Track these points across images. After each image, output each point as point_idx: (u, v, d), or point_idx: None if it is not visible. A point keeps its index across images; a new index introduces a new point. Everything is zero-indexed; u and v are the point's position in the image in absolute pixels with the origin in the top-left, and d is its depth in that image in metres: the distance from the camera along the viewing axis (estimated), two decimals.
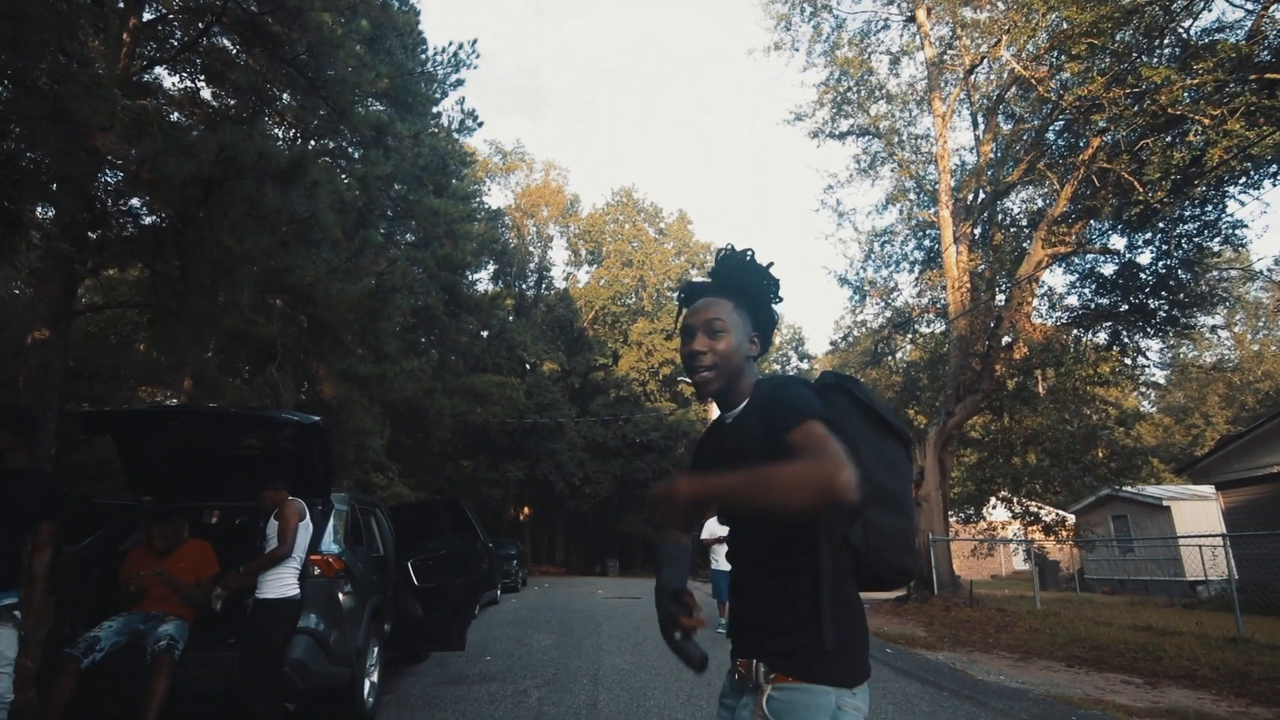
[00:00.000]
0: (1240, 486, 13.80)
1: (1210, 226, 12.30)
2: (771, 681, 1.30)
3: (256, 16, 11.59)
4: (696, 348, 1.41)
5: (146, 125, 6.08)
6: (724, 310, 1.42)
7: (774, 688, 1.29)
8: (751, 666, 1.34)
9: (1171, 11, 10.09)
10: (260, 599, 3.80)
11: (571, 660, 7.07)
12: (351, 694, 4.41)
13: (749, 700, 1.34)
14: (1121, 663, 7.25)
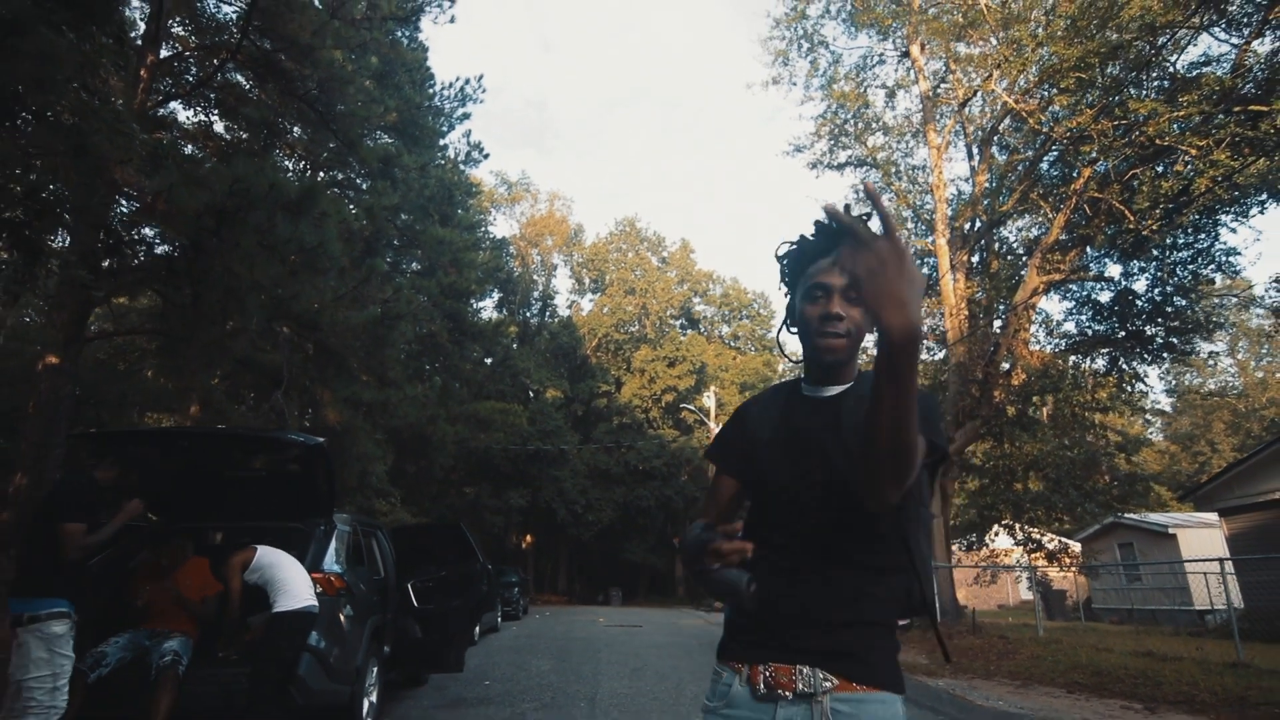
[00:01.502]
0: (1243, 513, 13.74)
1: (1203, 254, 12.48)
2: (830, 690, 1.12)
3: (270, 54, 12.00)
4: (836, 310, 1.21)
5: (162, 158, 6.34)
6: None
7: (836, 697, 1.12)
8: (800, 672, 1.14)
9: (1157, 46, 10.39)
10: (277, 612, 3.89)
11: (570, 685, 7.09)
12: (350, 712, 4.47)
13: (793, 712, 1.13)
14: (1121, 689, 7.22)
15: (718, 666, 1.28)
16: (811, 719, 1.12)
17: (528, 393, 33.57)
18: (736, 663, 1.22)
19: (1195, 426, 43.97)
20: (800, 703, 1.13)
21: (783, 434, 1.28)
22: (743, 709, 1.19)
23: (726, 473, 1.37)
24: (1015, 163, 14.75)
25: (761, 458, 1.29)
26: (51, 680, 3.11)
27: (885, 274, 0.86)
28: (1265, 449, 13.34)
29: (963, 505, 18.20)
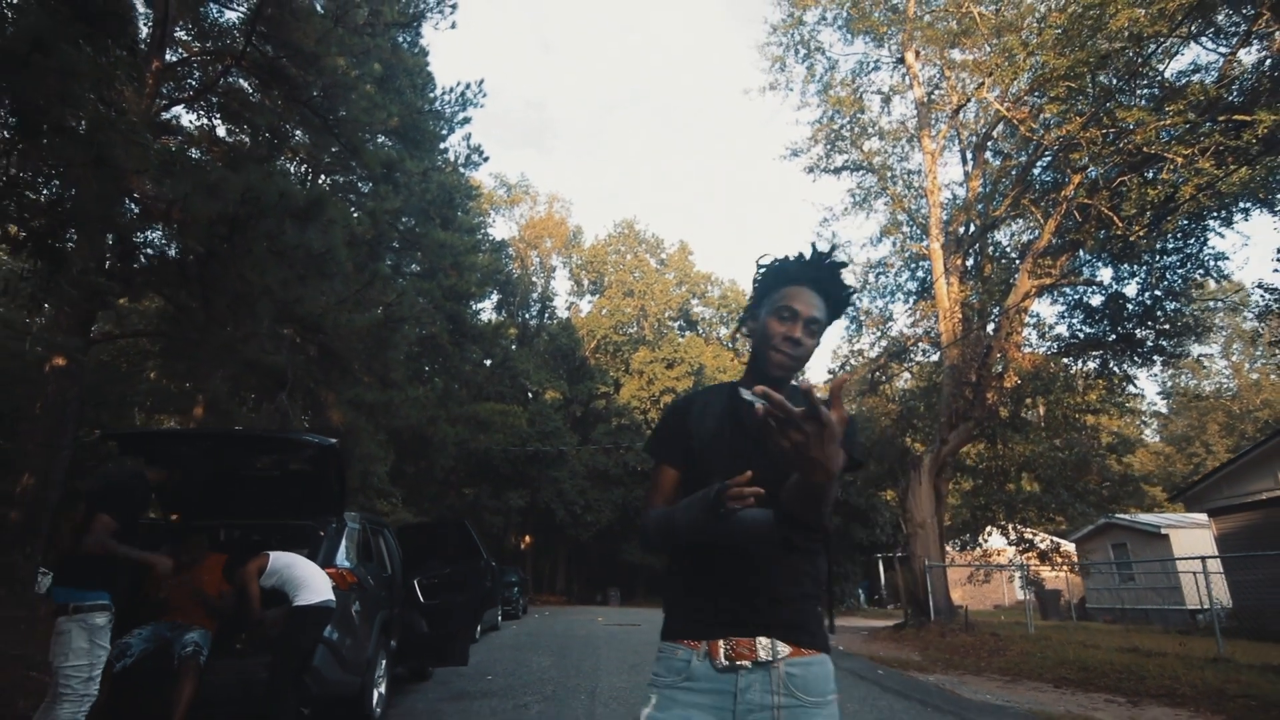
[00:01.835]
0: (1231, 513, 13.98)
1: (1192, 258, 12.72)
2: (785, 655, 1.28)
3: (275, 60, 12.17)
4: (798, 335, 1.37)
5: (176, 168, 6.53)
6: (821, 313, 1.40)
7: (789, 662, 1.28)
8: (757, 643, 1.28)
9: (1145, 55, 10.62)
10: (298, 606, 4.08)
11: (570, 679, 7.28)
12: (361, 702, 4.66)
13: (752, 680, 1.27)
14: (1106, 683, 7.43)
15: (669, 645, 1.37)
16: (769, 683, 1.26)
17: (527, 394, 33.76)
18: (692, 640, 1.33)
19: (1190, 428, 44.28)
20: (759, 670, 1.27)
21: (727, 432, 1.42)
22: (703, 681, 1.30)
23: (669, 464, 1.48)
24: (1008, 168, 15.00)
25: (707, 452, 1.42)
26: (88, 670, 3.29)
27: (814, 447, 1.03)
28: (1252, 450, 13.57)
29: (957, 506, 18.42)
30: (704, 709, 1.28)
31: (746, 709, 1.26)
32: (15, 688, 5.82)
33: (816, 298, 1.40)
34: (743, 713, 1.26)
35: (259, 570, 4.13)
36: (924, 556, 13.74)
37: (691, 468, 1.44)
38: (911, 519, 14.26)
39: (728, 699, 1.27)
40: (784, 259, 1.46)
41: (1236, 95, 9.63)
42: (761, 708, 1.25)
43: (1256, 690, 6.39)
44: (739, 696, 1.27)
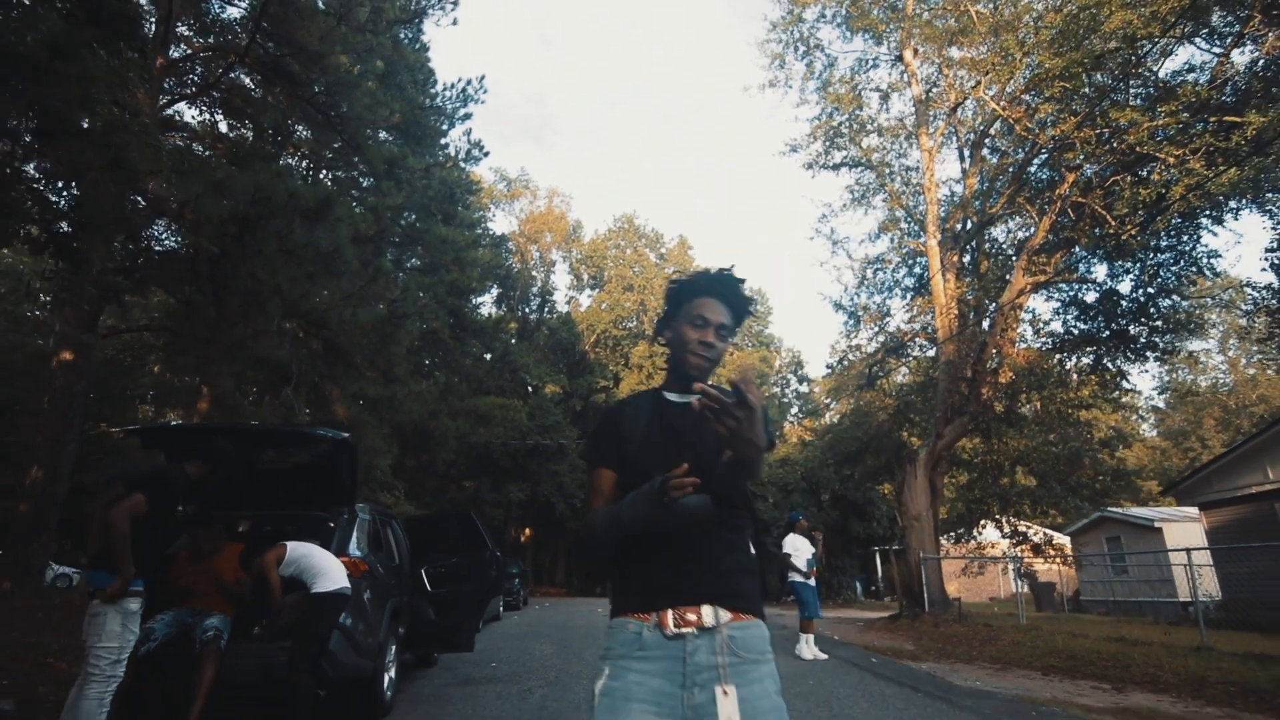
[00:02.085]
0: (1222, 507, 14.20)
1: (1185, 256, 12.88)
2: (728, 621, 1.42)
3: (278, 58, 12.27)
4: (711, 340, 1.56)
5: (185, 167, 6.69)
6: (729, 320, 1.59)
7: (731, 626, 1.42)
8: (702, 611, 1.42)
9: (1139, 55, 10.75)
10: (315, 593, 4.27)
11: (572, 665, 7.49)
12: (372, 686, 4.86)
13: (699, 644, 1.41)
14: (1093, 671, 7.65)
15: (619, 620, 1.49)
16: (714, 645, 1.40)
17: (526, 388, 33.95)
18: (641, 613, 1.46)
19: (1186, 423, 44.52)
20: (705, 635, 1.41)
21: (656, 432, 1.57)
22: (654, 649, 1.42)
23: (606, 468, 1.60)
24: (1005, 165, 15.14)
25: (639, 452, 1.56)
26: (118, 651, 3.48)
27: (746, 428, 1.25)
28: (1242, 445, 13.78)
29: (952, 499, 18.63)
30: (656, 674, 1.41)
31: (695, 669, 1.39)
32: (35, 673, 6.03)
33: (723, 307, 1.58)
34: (692, 673, 1.39)
35: (277, 560, 4.31)
36: (919, 549, 13.96)
37: (626, 469, 1.57)
38: (907, 512, 14.47)
39: (677, 663, 1.40)
40: (694, 275, 1.63)
41: (1229, 96, 9.77)
42: (708, 667, 1.39)
43: (1236, 677, 6.60)
44: (688, 659, 1.40)
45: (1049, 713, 5.60)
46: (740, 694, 1.36)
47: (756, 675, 1.40)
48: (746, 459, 1.32)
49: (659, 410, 1.62)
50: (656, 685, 1.40)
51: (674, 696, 1.39)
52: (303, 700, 4.14)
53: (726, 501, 1.44)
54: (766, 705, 1.37)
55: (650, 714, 1.37)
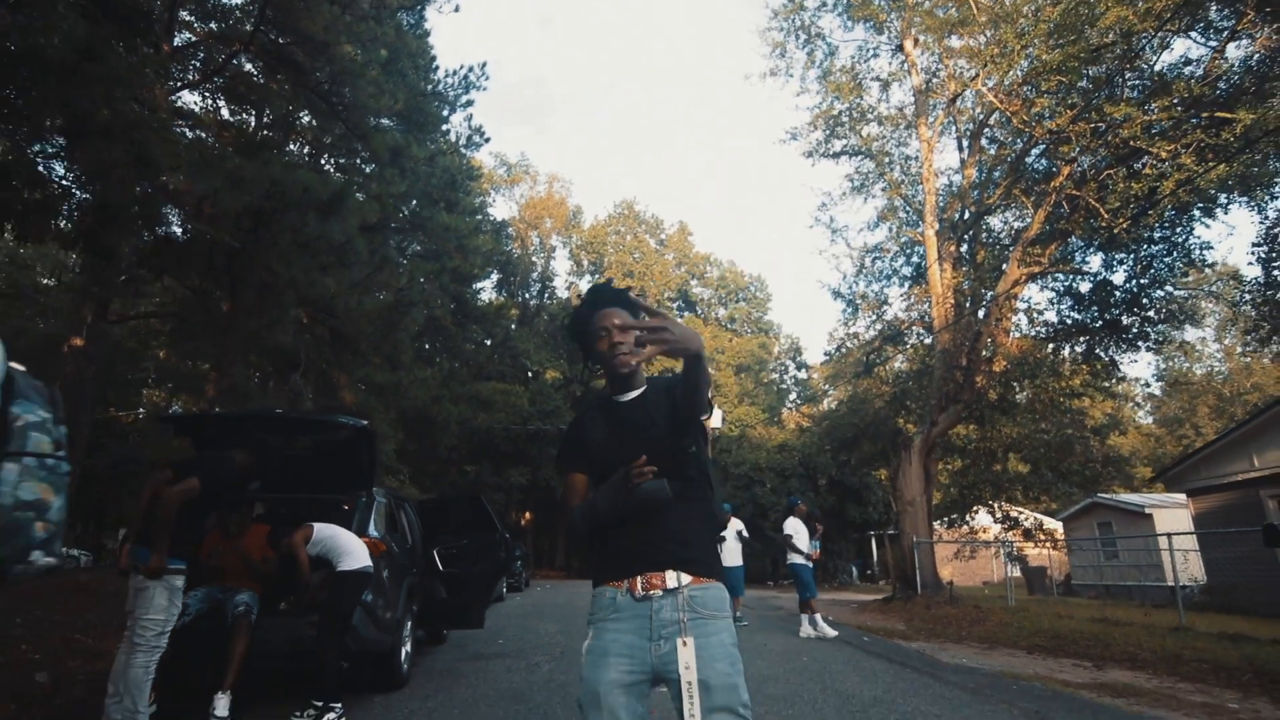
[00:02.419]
0: (1208, 493, 14.53)
1: (1178, 247, 13.10)
2: (688, 584, 1.65)
3: (282, 46, 12.37)
4: (618, 339, 1.80)
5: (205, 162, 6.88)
6: (625, 312, 1.84)
7: (691, 588, 1.65)
8: (666, 575, 1.65)
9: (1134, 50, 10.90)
10: (340, 572, 4.55)
11: (576, 642, 7.78)
12: (391, 659, 5.15)
13: (663, 603, 1.63)
14: (1075, 649, 7.98)
15: (599, 590, 1.73)
16: (676, 604, 1.63)
17: (527, 373, 34.21)
18: (615, 581, 1.69)
19: (1181, 410, 44.93)
20: (669, 595, 1.63)
21: (610, 430, 1.83)
22: (626, 611, 1.65)
23: (577, 471, 1.86)
24: (1003, 156, 15.30)
25: (600, 451, 1.82)
26: (163, 624, 3.75)
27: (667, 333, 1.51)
28: (1229, 434, 14.09)
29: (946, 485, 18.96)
30: (628, 631, 1.64)
31: (660, 625, 1.63)
32: (64, 649, 6.32)
33: (612, 309, 1.85)
34: (657, 627, 1.63)
35: (305, 539, 4.58)
36: (912, 533, 14.29)
37: (594, 469, 1.84)
38: (901, 497, 14.79)
39: (645, 621, 1.63)
40: (574, 310, 1.94)
41: (1221, 93, 9.93)
42: (671, 623, 1.62)
43: (1209, 655, 6.93)
44: (654, 617, 1.63)
45: (1029, 687, 5.92)
46: (697, 643, 1.59)
47: (713, 629, 1.63)
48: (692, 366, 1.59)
49: (612, 412, 1.88)
50: (629, 640, 1.64)
51: (643, 649, 1.62)
52: (329, 671, 4.42)
53: (684, 478, 1.71)
54: (720, 652, 1.60)
55: (624, 664, 1.62)
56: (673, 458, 1.72)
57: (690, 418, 1.75)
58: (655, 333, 1.51)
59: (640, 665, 1.62)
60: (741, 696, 1.58)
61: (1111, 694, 5.76)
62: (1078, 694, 5.71)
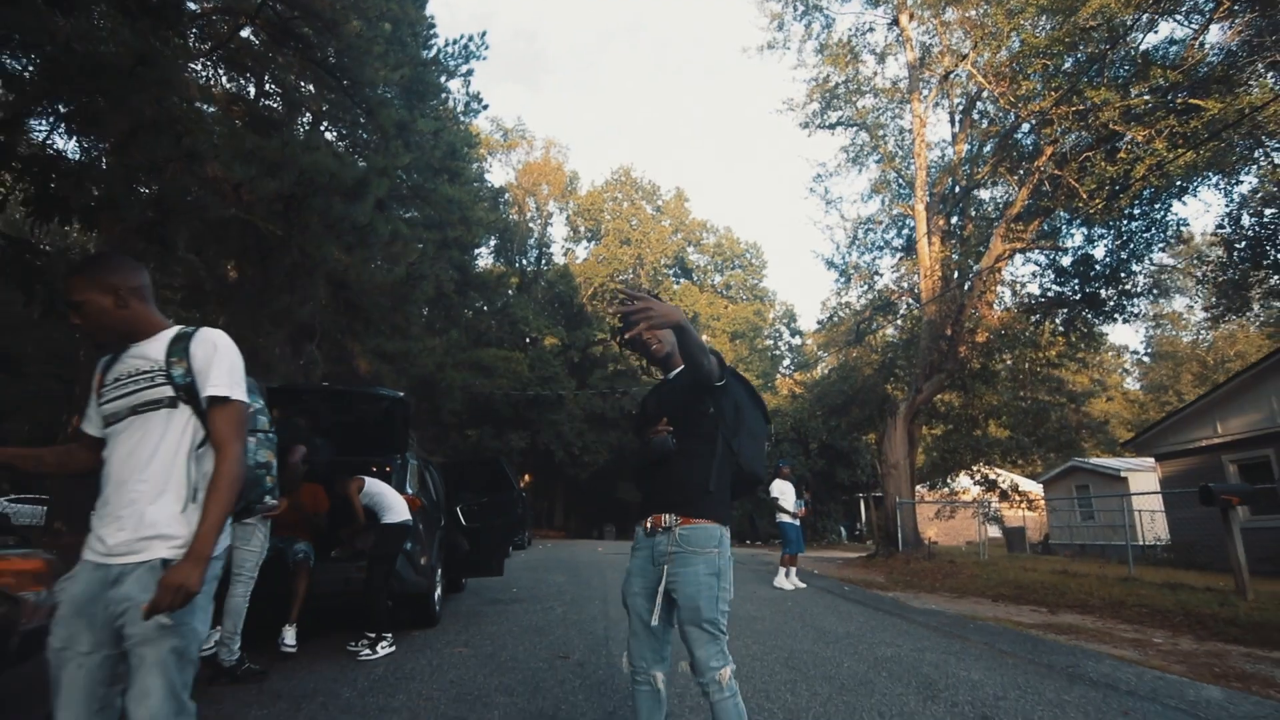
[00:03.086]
0: (1175, 458, 15.38)
1: (1156, 224, 13.69)
2: (678, 523, 2.19)
3: (288, 20, 12.63)
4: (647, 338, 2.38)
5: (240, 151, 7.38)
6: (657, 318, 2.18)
7: (681, 528, 2.18)
8: (664, 517, 2.21)
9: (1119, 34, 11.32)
10: (385, 524, 5.24)
11: (583, 591, 8.61)
12: (427, 600, 5.89)
13: (662, 538, 2.20)
14: (1034, 597, 8.83)
15: (637, 529, 2.32)
16: (670, 540, 2.19)
17: (525, 340, 34.78)
18: (640, 521, 2.31)
19: (1165, 378, 45.95)
20: (666, 532, 2.20)
21: (656, 399, 2.45)
22: (642, 543, 2.27)
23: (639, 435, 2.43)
24: (992, 133, 15.74)
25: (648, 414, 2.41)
26: (258, 557, 4.45)
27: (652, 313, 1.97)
28: (1195, 404, 14.87)
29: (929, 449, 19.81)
30: (643, 557, 2.28)
31: (659, 554, 2.22)
32: None
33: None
34: (658, 556, 2.22)
35: (358, 488, 5.28)
36: (896, 494, 15.15)
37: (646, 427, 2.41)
38: (886, 460, 15.62)
39: (650, 551, 2.25)
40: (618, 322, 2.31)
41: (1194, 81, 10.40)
42: (665, 553, 2.20)
43: (1149, 601, 7.77)
44: (655, 548, 2.23)
45: (985, 626, 6.74)
46: (678, 571, 2.17)
47: (693, 561, 2.17)
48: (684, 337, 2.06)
49: (659, 387, 2.53)
50: (642, 564, 2.29)
51: (650, 570, 2.25)
52: (379, 608, 5.14)
53: (696, 435, 2.26)
54: (691, 579, 2.15)
55: (640, 580, 2.30)
56: (686, 418, 2.27)
57: (702, 382, 2.18)
58: (640, 313, 1.99)
59: (650, 581, 2.26)
60: (705, 614, 2.12)
61: (1056, 632, 6.57)
62: (1027, 631, 6.52)
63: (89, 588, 1.72)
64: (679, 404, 2.31)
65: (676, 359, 2.42)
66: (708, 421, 2.27)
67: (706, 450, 2.26)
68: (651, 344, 2.40)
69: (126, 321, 1.88)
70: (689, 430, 2.27)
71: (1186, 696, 4.09)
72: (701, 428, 2.27)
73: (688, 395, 2.29)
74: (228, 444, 1.82)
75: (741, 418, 2.34)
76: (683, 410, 2.29)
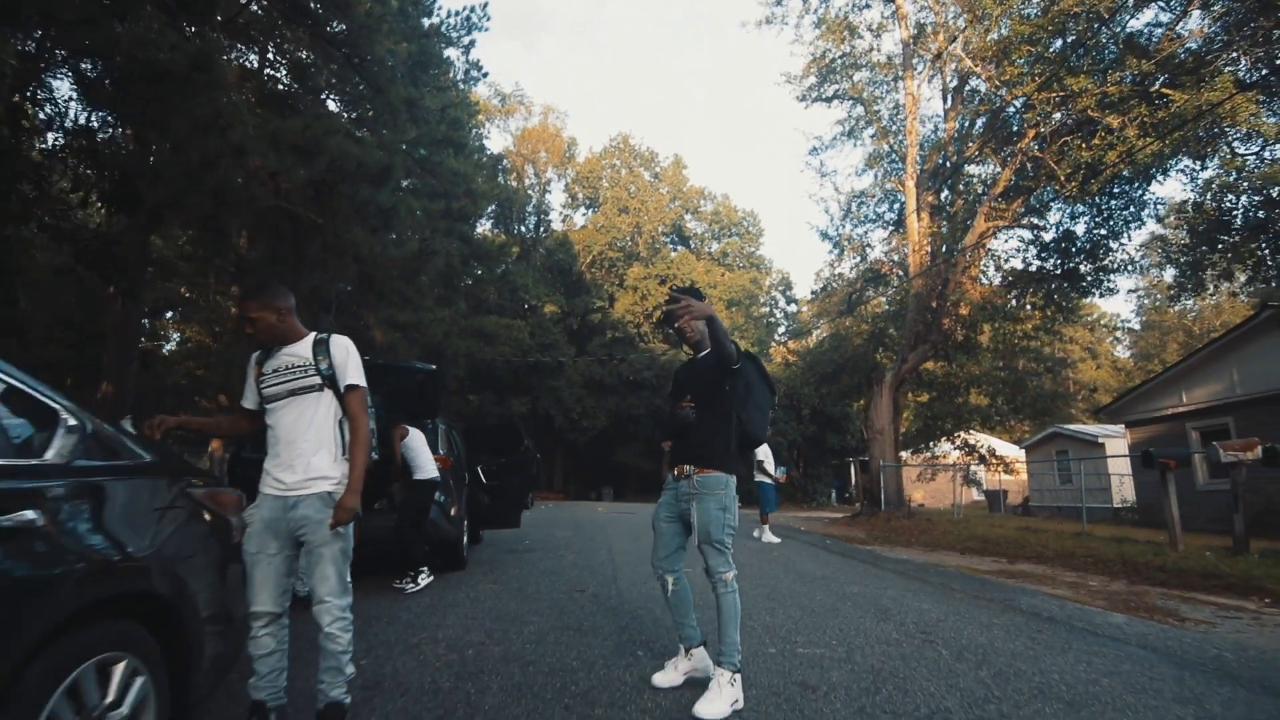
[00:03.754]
0: (1144, 425, 16.31)
1: (1134, 202, 14.36)
2: (697, 472, 2.98)
3: None
4: (687, 328, 3.11)
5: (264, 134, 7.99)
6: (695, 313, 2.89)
7: (699, 476, 2.95)
8: (686, 467, 2.99)
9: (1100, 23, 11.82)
10: (415, 479, 6.04)
11: (589, 543, 9.51)
12: (457, 547, 6.74)
13: (685, 483, 2.99)
14: (997, 550, 9.77)
15: (669, 476, 3.12)
16: (690, 485, 2.96)
17: (525, 307, 35.42)
18: (670, 470, 3.11)
19: (1151, 347, 46.94)
20: (686, 479, 2.98)
21: (686, 375, 3.22)
22: (671, 486, 3.07)
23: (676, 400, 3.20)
24: (983, 110, 16.27)
25: (680, 387, 3.19)
26: None
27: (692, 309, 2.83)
28: (1163, 374, 15.74)
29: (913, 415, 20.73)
30: (670, 496, 3.10)
31: (682, 495, 3.03)
32: None
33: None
34: (682, 497, 3.03)
35: (401, 437, 6.07)
36: (880, 458, 16.08)
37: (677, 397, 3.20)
38: (872, 426, 16.51)
39: (675, 492, 3.06)
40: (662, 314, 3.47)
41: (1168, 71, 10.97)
42: (687, 495, 3.00)
43: (1096, 553, 8.70)
44: (679, 490, 3.03)
45: (946, 572, 7.65)
46: (697, 506, 2.99)
47: (707, 500, 2.97)
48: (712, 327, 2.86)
49: (689, 365, 3.31)
50: (669, 500, 3.12)
51: (674, 505, 3.10)
52: (415, 550, 5.98)
53: (714, 408, 3.04)
54: (705, 511, 2.96)
55: (666, 510, 3.14)
56: (708, 394, 3.04)
57: (724, 365, 2.93)
58: (684, 308, 2.85)
59: (674, 513, 3.13)
60: (715, 536, 2.93)
61: (1008, 577, 7.48)
62: (981, 576, 7.43)
63: (273, 512, 2.51)
64: (704, 380, 3.11)
65: (705, 344, 3.16)
66: (723, 397, 3.04)
67: (720, 419, 3.04)
68: (687, 331, 3.15)
69: (284, 331, 2.66)
70: (708, 403, 3.04)
71: (1094, 621, 4.97)
72: (718, 401, 3.03)
73: (711, 374, 3.03)
74: (359, 416, 2.63)
75: (750, 393, 3.13)
76: (706, 386, 3.08)
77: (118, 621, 1.82)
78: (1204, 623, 5.10)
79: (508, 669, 3.36)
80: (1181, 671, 3.61)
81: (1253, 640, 4.53)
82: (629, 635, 4.12)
